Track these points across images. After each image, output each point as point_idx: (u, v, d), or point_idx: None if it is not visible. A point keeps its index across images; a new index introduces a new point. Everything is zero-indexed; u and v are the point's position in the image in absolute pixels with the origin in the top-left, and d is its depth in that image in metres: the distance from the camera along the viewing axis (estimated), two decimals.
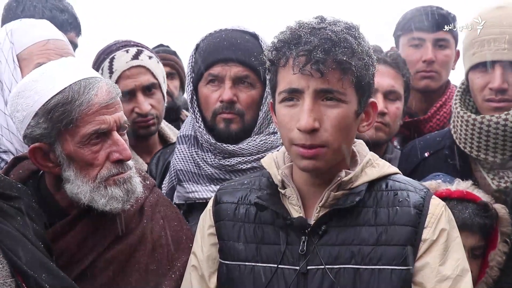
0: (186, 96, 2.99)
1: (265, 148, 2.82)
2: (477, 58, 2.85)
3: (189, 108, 2.94)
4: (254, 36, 2.89)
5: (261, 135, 2.85)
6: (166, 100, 3.55)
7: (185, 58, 3.59)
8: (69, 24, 3.56)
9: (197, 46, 2.93)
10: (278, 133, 2.83)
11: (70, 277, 2.24)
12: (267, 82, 2.76)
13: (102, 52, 3.50)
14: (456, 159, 2.96)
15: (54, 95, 2.26)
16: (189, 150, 2.92)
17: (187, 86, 2.94)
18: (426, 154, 3.09)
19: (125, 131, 2.40)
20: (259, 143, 2.82)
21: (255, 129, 2.85)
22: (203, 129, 2.85)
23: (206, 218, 2.37)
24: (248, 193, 2.30)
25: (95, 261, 2.37)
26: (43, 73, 2.33)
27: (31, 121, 2.28)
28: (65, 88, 2.26)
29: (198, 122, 2.87)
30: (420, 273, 2.12)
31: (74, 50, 3.61)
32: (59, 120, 2.25)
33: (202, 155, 2.87)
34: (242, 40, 2.84)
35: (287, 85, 2.11)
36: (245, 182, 2.35)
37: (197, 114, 2.88)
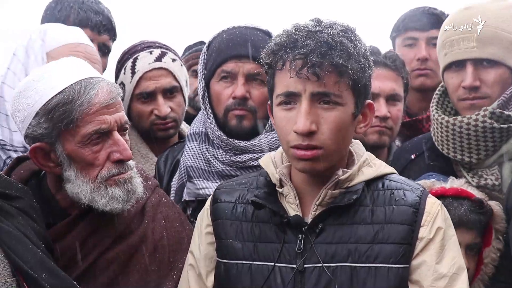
0: (198, 93, 3.00)
1: (276, 146, 2.82)
2: (448, 58, 2.89)
3: (201, 104, 2.94)
4: (267, 34, 2.90)
5: (273, 132, 2.85)
6: (187, 103, 3.56)
7: None
8: (103, 26, 3.58)
9: (210, 43, 2.94)
10: None
11: (71, 277, 2.24)
12: None
13: (127, 51, 3.53)
14: (437, 160, 2.98)
15: (55, 95, 2.27)
16: (199, 147, 2.92)
17: (199, 83, 2.94)
18: (412, 156, 3.12)
19: (126, 131, 2.41)
20: (270, 140, 2.83)
21: (267, 126, 2.86)
22: (214, 125, 2.86)
23: (203, 217, 2.38)
24: (245, 192, 2.31)
25: (96, 262, 2.37)
26: (44, 72, 2.34)
27: (32, 120, 2.29)
28: (65, 88, 2.27)
29: (209, 119, 2.87)
30: (417, 271, 2.13)
31: (108, 53, 3.67)
32: (59, 120, 2.26)
33: (213, 151, 2.87)
34: (255, 37, 2.85)
35: (284, 88, 2.13)
36: (243, 181, 2.37)
37: (208, 110, 2.89)
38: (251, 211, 2.27)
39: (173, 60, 3.46)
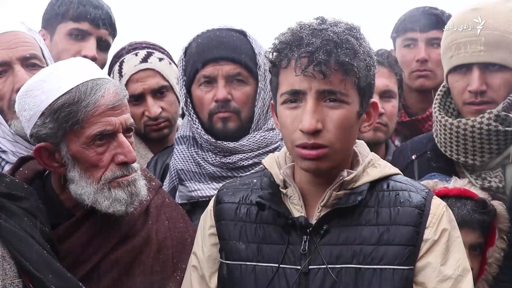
0: (180, 100, 3.00)
1: (265, 144, 2.85)
2: (454, 61, 2.85)
3: (185, 111, 2.95)
4: (242, 33, 2.90)
5: (261, 131, 2.87)
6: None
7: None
8: (101, 20, 3.57)
9: (186, 49, 2.95)
10: (276, 129, 2.87)
11: (75, 278, 2.24)
12: (259, 77, 2.81)
13: (115, 55, 3.54)
14: (439, 161, 2.97)
15: (61, 95, 2.27)
16: (188, 150, 2.92)
17: (180, 90, 2.95)
18: (413, 157, 3.10)
19: (132, 133, 2.41)
20: (259, 139, 2.85)
21: (253, 125, 2.87)
22: (201, 130, 2.86)
23: (207, 218, 2.38)
24: (249, 193, 2.30)
25: (100, 262, 2.37)
26: (51, 73, 2.34)
27: (37, 120, 2.30)
28: (72, 88, 2.27)
29: (195, 124, 2.88)
30: (421, 273, 2.13)
31: (108, 49, 3.67)
32: (65, 120, 2.26)
33: (202, 154, 2.88)
34: (230, 38, 2.86)
35: (290, 87, 2.12)
36: (247, 182, 2.36)
37: (193, 116, 2.90)
38: (255, 212, 2.26)
39: (160, 59, 3.45)
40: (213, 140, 2.84)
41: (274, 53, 2.16)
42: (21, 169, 2.46)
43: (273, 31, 2.22)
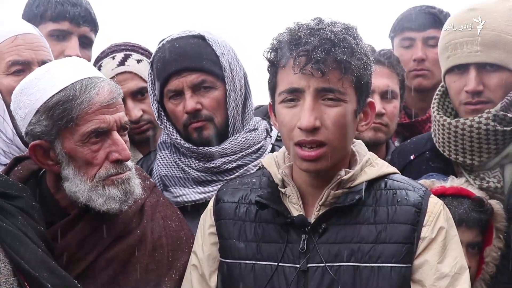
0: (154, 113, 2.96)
1: (247, 145, 2.83)
2: (451, 62, 2.85)
3: (160, 125, 2.93)
4: (200, 38, 2.85)
5: (242, 133, 2.85)
6: None
7: None
8: (81, 18, 3.51)
9: (151, 63, 2.91)
10: (259, 129, 2.88)
11: (70, 276, 2.23)
12: (226, 79, 2.78)
13: (95, 59, 3.48)
14: (437, 161, 2.97)
15: (56, 93, 2.27)
16: (171, 156, 2.91)
17: (152, 104, 2.92)
18: (411, 157, 3.10)
19: (126, 131, 2.40)
20: (241, 141, 2.83)
21: (230, 128, 2.85)
22: (180, 140, 2.85)
23: (206, 218, 2.39)
24: (248, 192, 2.32)
25: (96, 261, 2.37)
26: (47, 71, 2.34)
27: (32, 118, 2.29)
28: (66, 86, 2.27)
29: (174, 135, 2.86)
30: (419, 270, 2.14)
31: (90, 45, 3.61)
32: (59, 118, 2.26)
33: (185, 161, 2.86)
34: (188, 47, 2.81)
35: (288, 85, 2.13)
36: (246, 181, 2.38)
37: (169, 128, 2.87)
38: (254, 211, 2.28)
39: (138, 61, 3.40)
40: (195, 147, 2.82)
41: (273, 53, 2.18)
42: (16, 168, 2.46)
43: (270, 33, 2.24)
